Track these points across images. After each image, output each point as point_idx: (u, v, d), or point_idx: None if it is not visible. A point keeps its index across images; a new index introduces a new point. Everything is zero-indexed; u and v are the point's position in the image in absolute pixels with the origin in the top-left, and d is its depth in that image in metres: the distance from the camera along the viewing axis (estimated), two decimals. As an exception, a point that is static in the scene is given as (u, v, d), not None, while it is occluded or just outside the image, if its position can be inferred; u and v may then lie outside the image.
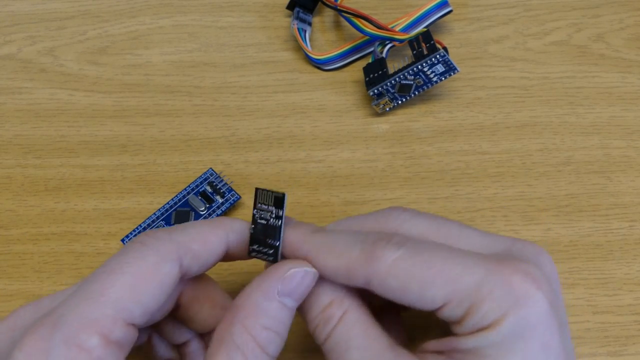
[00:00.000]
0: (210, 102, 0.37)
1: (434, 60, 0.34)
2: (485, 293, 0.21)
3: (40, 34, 0.40)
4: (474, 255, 0.22)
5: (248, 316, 0.22)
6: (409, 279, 0.21)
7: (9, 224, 0.33)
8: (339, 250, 0.23)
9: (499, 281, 0.21)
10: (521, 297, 0.21)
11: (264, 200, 0.24)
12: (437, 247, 0.22)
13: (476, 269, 0.21)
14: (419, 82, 0.35)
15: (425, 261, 0.22)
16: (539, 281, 0.21)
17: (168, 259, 0.22)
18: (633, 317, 0.31)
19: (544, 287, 0.21)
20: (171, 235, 0.22)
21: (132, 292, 0.21)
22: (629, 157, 0.36)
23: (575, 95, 0.38)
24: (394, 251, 0.22)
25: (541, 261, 0.23)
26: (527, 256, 0.23)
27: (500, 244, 0.24)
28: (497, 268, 0.21)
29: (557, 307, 0.22)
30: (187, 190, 0.33)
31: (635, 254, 0.33)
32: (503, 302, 0.21)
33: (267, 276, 0.22)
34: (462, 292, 0.21)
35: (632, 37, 0.40)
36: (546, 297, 0.21)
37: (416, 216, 0.25)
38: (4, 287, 0.32)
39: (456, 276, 0.21)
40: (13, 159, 0.35)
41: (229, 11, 0.41)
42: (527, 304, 0.21)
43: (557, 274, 0.23)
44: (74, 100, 0.37)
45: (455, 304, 0.21)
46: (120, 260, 0.21)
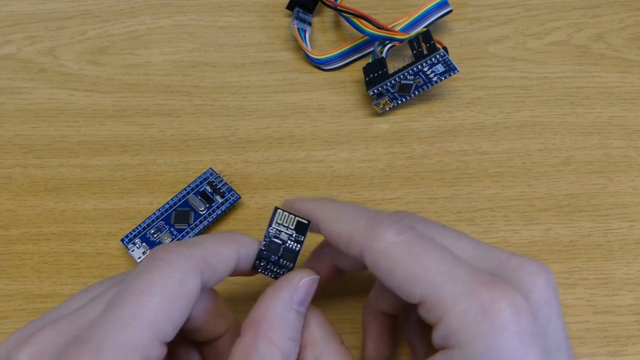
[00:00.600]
0: (210, 102, 0.37)
1: (434, 60, 0.34)
2: (459, 310, 0.21)
3: (40, 33, 0.40)
4: (464, 267, 0.22)
5: (272, 329, 0.22)
6: (397, 265, 0.22)
7: (8, 224, 0.33)
8: (346, 218, 0.24)
9: (475, 303, 0.21)
10: (495, 325, 0.20)
11: (284, 222, 0.25)
12: (435, 246, 0.22)
13: (459, 283, 0.21)
14: (419, 82, 0.35)
15: (417, 255, 0.22)
16: (519, 312, 0.21)
17: (191, 274, 0.22)
18: (633, 317, 0.31)
19: (522, 320, 0.20)
20: (190, 250, 0.23)
21: (164, 312, 0.21)
22: (629, 157, 0.36)
23: (575, 95, 0.38)
24: (394, 235, 0.22)
25: (536, 285, 0.22)
26: (519, 278, 0.22)
27: (494, 258, 0.23)
28: (479, 289, 0.21)
29: (543, 336, 0.21)
30: (187, 190, 0.33)
31: (636, 254, 0.33)
32: (474, 325, 0.20)
33: (283, 287, 0.23)
34: (438, 299, 0.21)
35: (632, 37, 0.40)
36: (523, 330, 0.20)
37: (418, 221, 0.25)
38: (4, 287, 0.32)
39: (439, 281, 0.21)
40: (13, 159, 0.35)
41: (229, 11, 0.41)
42: (499, 335, 0.20)
43: (552, 297, 0.22)
44: (74, 100, 0.37)
45: (429, 308, 0.21)
46: (146, 281, 0.21)
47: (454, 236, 0.24)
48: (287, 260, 0.24)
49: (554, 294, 0.22)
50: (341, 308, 0.31)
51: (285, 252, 0.24)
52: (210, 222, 0.33)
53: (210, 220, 0.33)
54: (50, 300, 0.31)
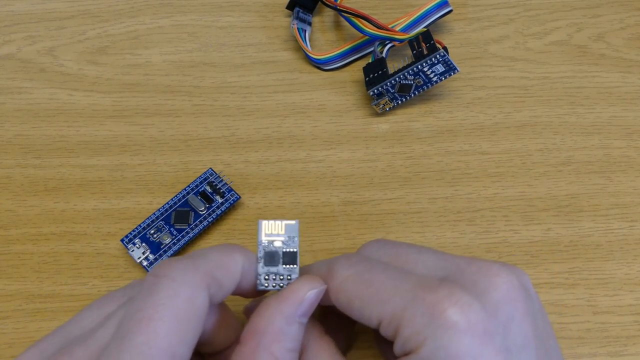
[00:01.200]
0: (210, 102, 0.37)
1: (434, 60, 0.34)
2: (407, 318, 0.22)
3: (40, 33, 0.40)
4: (410, 280, 0.23)
5: (274, 342, 0.22)
6: (353, 296, 0.23)
7: (8, 224, 0.33)
8: (315, 269, 0.25)
9: (421, 307, 0.21)
10: (441, 325, 0.21)
11: (272, 231, 0.25)
12: (383, 269, 0.23)
13: (405, 293, 0.22)
14: (419, 82, 0.35)
15: (367, 281, 0.23)
16: (465, 310, 0.21)
17: (199, 290, 0.21)
18: (633, 317, 0.31)
19: (471, 316, 0.21)
20: (195, 263, 0.22)
21: (177, 334, 0.20)
22: (630, 157, 0.36)
23: (576, 95, 0.38)
24: (346, 269, 0.24)
25: (492, 285, 0.22)
26: (475, 280, 0.22)
27: (454, 265, 0.23)
28: (423, 294, 0.22)
29: (503, 335, 0.21)
30: (187, 190, 0.33)
31: (636, 254, 0.33)
32: (422, 328, 0.21)
33: (288, 299, 0.23)
34: (389, 314, 0.22)
35: (632, 37, 0.40)
36: (473, 326, 0.21)
37: (384, 245, 0.26)
38: (4, 287, 0.32)
39: (387, 297, 0.22)
40: (13, 159, 0.35)
41: (229, 11, 0.41)
42: (446, 333, 0.21)
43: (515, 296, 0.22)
44: (74, 100, 0.37)
45: (385, 324, 0.22)
46: (154, 303, 0.21)
47: (415, 251, 0.25)
48: (289, 264, 0.24)
49: (519, 293, 0.22)
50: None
51: (284, 257, 0.24)
52: (210, 222, 0.33)
53: (210, 220, 0.33)
54: (50, 300, 0.31)
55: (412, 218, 0.34)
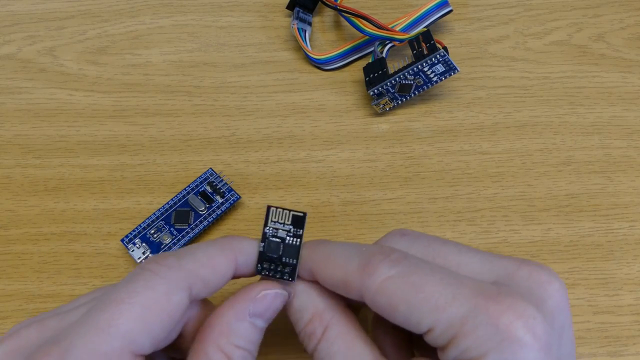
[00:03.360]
0: (210, 102, 0.37)
1: (434, 60, 0.34)
2: (468, 329, 0.20)
3: (40, 33, 0.40)
4: (468, 285, 0.21)
5: (221, 336, 0.22)
6: (398, 299, 0.21)
7: (8, 224, 0.33)
8: (339, 261, 0.23)
9: (484, 318, 0.20)
10: (506, 339, 0.20)
11: (279, 219, 0.24)
12: (432, 270, 0.22)
13: (464, 301, 0.20)
14: (419, 82, 0.35)
15: (416, 284, 0.21)
16: (531, 324, 0.20)
17: (178, 288, 0.21)
18: (633, 317, 0.31)
19: (536, 330, 0.20)
20: (180, 262, 0.22)
21: (141, 323, 0.20)
22: (630, 157, 0.36)
23: (576, 95, 0.38)
24: (387, 269, 0.22)
25: (548, 293, 0.21)
26: (530, 287, 0.22)
27: (502, 268, 0.22)
28: (486, 303, 0.20)
29: (557, 347, 0.21)
30: (187, 190, 0.33)
31: (636, 254, 0.33)
32: (485, 341, 0.20)
33: (240, 297, 0.23)
34: (446, 323, 0.20)
35: (632, 37, 0.40)
36: (537, 340, 0.20)
37: (415, 240, 0.24)
38: (4, 287, 0.32)
39: (443, 304, 0.21)
40: (13, 159, 0.35)
41: (229, 11, 0.41)
42: (511, 347, 0.20)
43: (565, 304, 0.22)
44: (74, 100, 0.37)
45: (438, 332, 0.21)
46: (129, 289, 0.21)
47: (455, 252, 0.23)
48: (289, 257, 0.24)
49: (566, 301, 0.22)
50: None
51: (285, 249, 0.24)
52: (210, 222, 0.33)
53: (210, 220, 0.33)
54: (51, 300, 0.31)
55: (412, 218, 0.34)
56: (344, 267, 0.22)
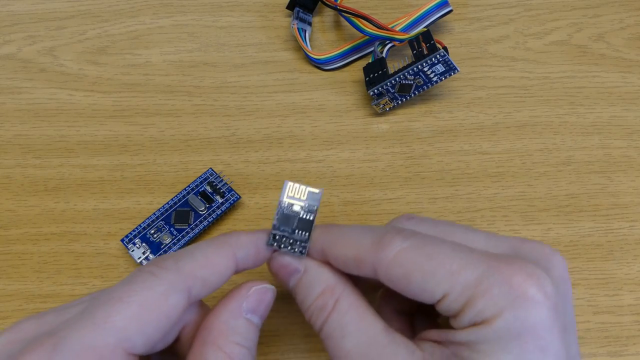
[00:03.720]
0: (210, 102, 0.37)
1: (434, 60, 0.34)
2: (483, 289, 0.21)
3: (40, 33, 0.40)
4: (478, 252, 0.22)
5: (219, 336, 0.22)
6: (412, 269, 0.22)
7: (8, 224, 0.33)
8: (351, 240, 0.23)
9: (498, 278, 0.21)
10: (519, 297, 0.21)
11: (295, 194, 0.25)
12: (442, 242, 0.23)
13: (477, 264, 0.21)
14: (419, 82, 0.35)
15: (429, 253, 0.22)
16: (541, 283, 0.21)
17: (176, 290, 0.22)
18: (633, 317, 0.31)
19: (547, 290, 0.21)
20: (178, 265, 0.22)
21: (136, 322, 0.21)
22: (630, 157, 0.36)
23: (576, 95, 0.38)
24: (401, 241, 0.22)
25: (552, 263, 0.23)
26: (535, 257, 0.23)
27: (507, 244, 0.23)
28: (498, 265, 0.21)
29: (563, 311, 0.22)
30: (187, 190, 0.33)
31: (636, 254, 0.33)
32: (500, 299, 0.21)
33: (232, 296, 0.23)
34: (461, 286, 0.21)
35: (632, 37, 0.40)
36: (548, 299, 0.21)
37: (422, 222, 0.25)
38: (4, 287, 0.32)
39: (457, 269, 0.21)
40: (13, 159, 0.35)
41: (229, 11, 0.41)
42: (525, 304, 0.21)
43: (567, 277, 0.23)
44: (74, 100, 0.37)
45: (453, 297, 0.21)
46: (128, 289, 0.21)
47: (462, 231, 0.24)
48: (302, 230, 0.24)
49: (567, 275, 0.23)
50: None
51: (299, 223, 0.24)
52: (210, 222, 0.33)
53: (210, 220, 0.32)
54: (51, 300, 0.31)
55: (412, 218, 0.34)
56: (357, 244, 0.23)
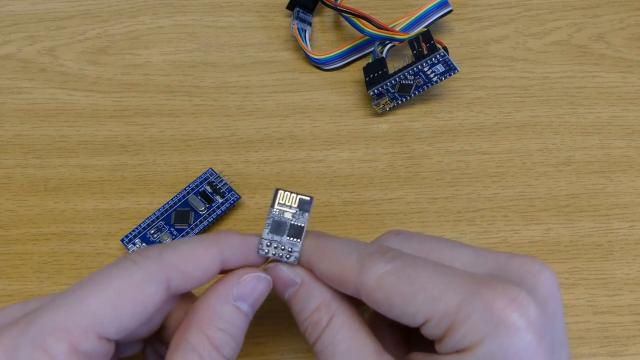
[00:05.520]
0: (210, 102, 0.37)
1: (434, 60, 0.34)
2: (464, 315, 0.21)
3: (40, 33, 0.40)
4: (461, 275, 0.22)
5: (203, 319, 0.22)
6: (393, 293, 0.22)
7: (8, 224, 0.33)
8: (337, 256, 0.23)
9: (479, 304, 0.20)
10: (501, 323, 0.20)
11: (286, 201, 0.25)
12: (426, 263, 0.22)
13: (458, 290, 0.21)
14: (419, 82, 0.35)
15: (411, 277, 0.22)
16: (524, 308, 0.20)
17: (154, 280, 0.22)
18: (633, 317, 0.31)
19: (530, 314, 0.20)
20: (161, 255, 0.22)
21: (111, 307, 0.21)
22: (630, 157, 0.36)
23: (576, 95, 0.38)
24: (384, 264, 0.22)
25: (539, 281, 0.22)
26: (522, 276, 0.22)
27: (494, 261, 0.23)
28: (480, 290, 0.21)
29: (551, 331, 0.21)
30: (187, 190, 0.33)
31: (636, 254, 0.33)
32: (481, 326, 0.20)
33: (223, 281, 0.23)
34: (442, 312, 0.21)
35: (632, 37, 0.40)
36: (531, 325, 0.20)
37: (409, 238, 0.25)
38: (4, 287, 0.32)
39: (438, 294, 0.21)
40: (13, 159, 0.35)
41: (229, 11, 0.41)
42: (506, 331, 0.20)
43: (557, 293, 0.22)
44: (74, 100, 0.37)
45: (435, 323, 0.21)
46: (107, 274, 0.21)
47: (448, 247, 0.24)
48: (293, 237, 0.24)
49: (557, 291, 0.22)
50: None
51: (291, 230, 0.24)
52: (210, 222, 0.33)
53: (210, 220, 0.33)
54: (50, 300, 0.31)
55: (412, 218, 0.34)
56: (342, 263, 0.23)
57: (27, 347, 0.20)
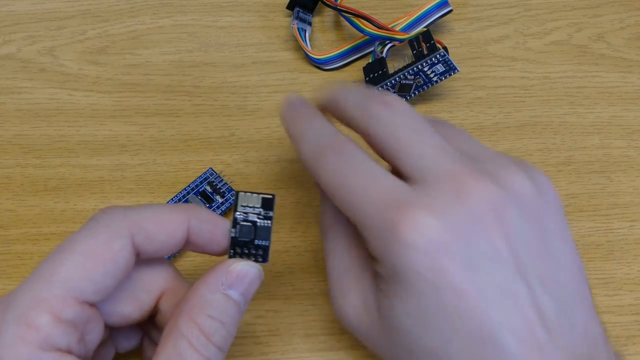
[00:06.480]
0: (210, 102, 0.37)
1: (434, 60, 0.34)
2: (369, 228, 0.23)
3: (40, 33, 0.40)
4: (379, 188, 0.23)
5: (193, 307, 0.22)
6: (326, 184, 0.25)
7: (8, 224, 0.33)
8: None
9: (381, 221, 0.22)
10: (396, 242, 0.22)
11: (248, 203, 0.25)
12: (361, 162, 0.24)
13: (371, 203, 0.23)
14: (419, 81, 0.35)
15: (344, 176, 0.24)
16: (424, 229, 0.21)
17: (119, 236, 0.22)
18: (633, 317, 0.31)
19: (428, 235, 0.21)
20: (125, 213, 0.23)
21: (82, 270, 0.21)
22: (630, 157, 0.36)
23: (576, 95, 0.38)
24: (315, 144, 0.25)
25: (467, 195, 0.22)
26: (448, 190, 0.22)
27: (438, 165, 0.23)
28: (385, 207, 0.22)
29: (464, 247, 0.22)
30: (187, 190, 0.33)
31: (636, 254, 0.33)
32: (382, 242, 0.22)
33: (212, 271, 0.23)
34: (359, 221, 0.23)
35: (632, 37, 0.40)
36: (428, 244, 0.21)
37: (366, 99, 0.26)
38: (4, 287, 0.32)
39: (358, 203, 0.23)
40: (13, 159, 0.35)
41: (229, 11, 0.41)
42: (401, 249, 0.22)
43: (490, 209, 0.22)
44: (74, 100, 0.37)
45: (365, 224, 0.23)
46: (72, 239, 0.22)
47: (410, 130, 0.25)
48: (261, 239, 0.25)
49: (497, 202, 0.23)
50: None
51: (258, 231, 0.25)
52: (210, 222, 0.33)
53: (210, 220, 0.33)
54: (50, 300, 0.31)
55: (412, 218, 0.34)
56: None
57: (11, 326, 0.20)
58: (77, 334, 0.21)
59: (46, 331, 0.20)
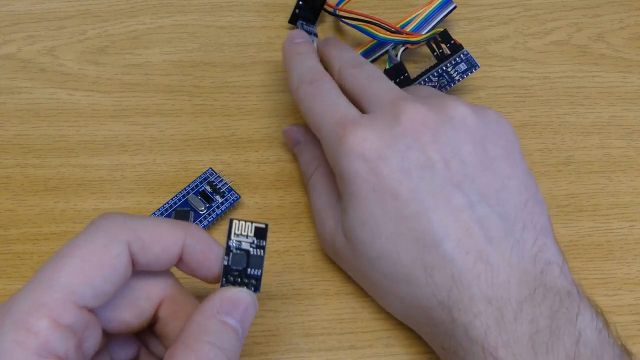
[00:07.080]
0: (210, 102, 0.37)
1: (457, 60, 0.34)
2: (329, 139, 0.29)
3: (40, 33, 0.40)
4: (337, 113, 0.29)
5: (190, 335, 0.22)
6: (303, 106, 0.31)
7: (8, 223, 0.33)
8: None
9: (339, 134, 0.28)
10: (345, 151, 0.27)
11: (242, 231, 0.25)
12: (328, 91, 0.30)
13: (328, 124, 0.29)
14: (442, 82, 0.35)
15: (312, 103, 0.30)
16: (362, 140, 0.27)
17: (116, 241, 0.22)
18: (633, 317, 0.31)
19: (365, 145, 0.27)
20: (125, 220, 0.23)
21: (81, 275, 0.21)
22: (629, 157, 0.36)
23: (576, 95, 0.38)
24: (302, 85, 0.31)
25: (401, 115, 0.28)
26: (387, 113, 0.28)
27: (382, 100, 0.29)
28: (336, 126, 0.28)
29: (400, 158, 0.27)
30: (187, 190, 0.33)
31: (636, 253, 0.33)
32: (335, 151, 0.28)
33: (207, 299, 0.23)
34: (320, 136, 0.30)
35: (632, 37, 0.40)
36: (367, 152, 0.27)
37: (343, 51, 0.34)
38: (4, 287, 0.32)
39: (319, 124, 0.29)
40: (13, 158, 0.35)
41: (229, 11, 0.41)
42: (346, 157, 0.27)
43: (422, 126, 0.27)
44: (74, 100, 0.37)
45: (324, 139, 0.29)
46: (71, 244, 0.22)
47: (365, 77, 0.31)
48: (254, 268, 0.24)
49: (428, 122, 0.27)
50: (340, 308, 0.31)
51: (250, 260, 0.24)
52: (210, 222, 0.33)
53: (210, 220, 0.33)
54: (50, 300, 0.31)
55: (412, 218, 0.34)
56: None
57: (9, 331, 0.20)
58: (75, 340, 0.21)
59: (45, 336, 0.20)
